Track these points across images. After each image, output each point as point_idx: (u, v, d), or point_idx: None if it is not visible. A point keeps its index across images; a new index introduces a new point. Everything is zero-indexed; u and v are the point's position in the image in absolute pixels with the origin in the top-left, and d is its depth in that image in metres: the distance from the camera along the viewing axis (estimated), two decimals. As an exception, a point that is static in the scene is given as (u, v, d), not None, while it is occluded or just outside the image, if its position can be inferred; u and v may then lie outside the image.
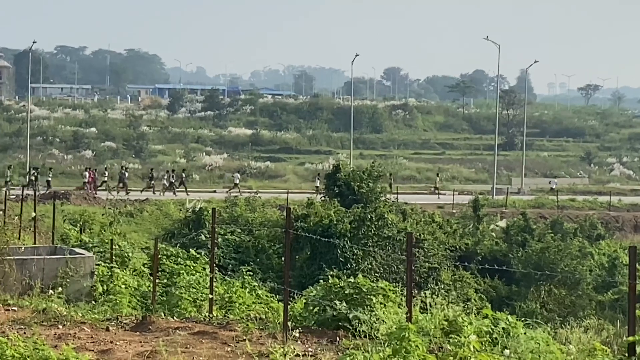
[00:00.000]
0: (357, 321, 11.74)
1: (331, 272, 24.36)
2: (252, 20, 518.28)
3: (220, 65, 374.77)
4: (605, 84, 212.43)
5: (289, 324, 11.66)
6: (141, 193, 56.70)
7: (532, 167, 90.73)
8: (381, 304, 12.27)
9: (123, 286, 17.80)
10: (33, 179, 56.83)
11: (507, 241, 42.53)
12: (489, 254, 40.07)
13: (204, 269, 19.27)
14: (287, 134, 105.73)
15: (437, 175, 72.14)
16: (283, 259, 25.26)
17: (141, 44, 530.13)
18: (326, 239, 26.90)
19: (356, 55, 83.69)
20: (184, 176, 61.37)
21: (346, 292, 12.46)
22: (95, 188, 57.24)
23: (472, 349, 8.82)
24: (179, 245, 25.04)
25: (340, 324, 11.97)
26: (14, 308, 14.16)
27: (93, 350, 10.71)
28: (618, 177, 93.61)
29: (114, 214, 41.34)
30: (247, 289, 17.73)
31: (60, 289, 16.20)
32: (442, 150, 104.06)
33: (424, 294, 13.09)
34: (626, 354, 8.59)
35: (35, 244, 23.15)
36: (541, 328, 11.97)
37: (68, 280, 16.89)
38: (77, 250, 19.33)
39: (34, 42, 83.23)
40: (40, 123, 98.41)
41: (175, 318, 13.73)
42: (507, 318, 11.12)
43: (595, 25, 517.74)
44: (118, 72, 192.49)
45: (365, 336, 11.23)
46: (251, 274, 20.99)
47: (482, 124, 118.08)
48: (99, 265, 18.49)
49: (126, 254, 21.67)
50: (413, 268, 10.74)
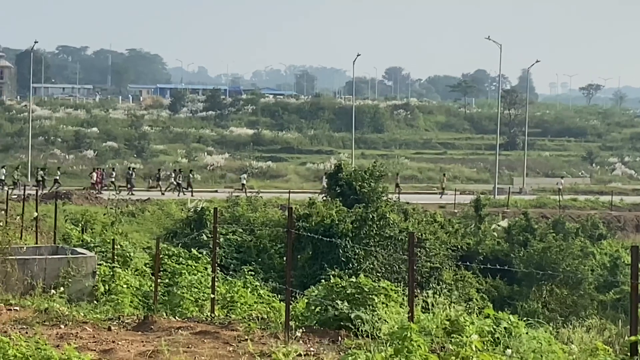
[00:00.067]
0: (359, 321, 11.74)
1: (333, 272, 24.32)
2: (252, 20, 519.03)
3: (221, 65, 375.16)
4: (607, 84, 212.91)
5: (290, 323, 11.66)
6: (150, 190, 57.45)
7: (534, 166, 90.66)
8: (383, 303, 12.27)
9: (125, 286, 17.81)
10: (41, 179, 56.92)
11: (508, 241, 42.52)
12: (491, 254, 40.05)
13: (206, 268, 19.29)
14: (289, 133, 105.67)
15: (444, 175, 70.96)
16: (285, 258, 25.26)
17: (143, 44, 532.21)
18: (328, 239, 26.89)
19: (358, 55, 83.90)
20: (191, 177, 61.40)
21: (348, 291, 12.47)
22: (101, 188, 57.27)
23: (474, 348, 8.82)
24: (180, 245, 25.03)
25: (342, 323, 11.96)
26: (16, 308, 14.16)
27: (95, 350, 10.71)
28: (620, 176, 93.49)
29: (115, 214, 41.41)
30: (249, 289, 17.73)
31: (62, 288, 16.19)
32: (444, 150, 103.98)
33: (426, 293, 13.06)
34: (628, 354, 8.59)
35: (37, 243, 23.15)
36: (543, 328, 11.96)
37: (70, 280, 16.90)
38: (78, 250, 19.35)
39: (35, 42, 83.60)
40: (41, 123, 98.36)
41: (177, 318, 13.73)
42: (509, 318, 11.11)
43: (597, 24, 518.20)
44: (120, 72, 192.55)
45: (367, 336, 11.24)
46: (253, 273, 21.01)
47: (483, 123, 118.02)
48: (100, 265, 18.49)
49: (128, 254, 21.67)
50: (415, 268, 10.74)
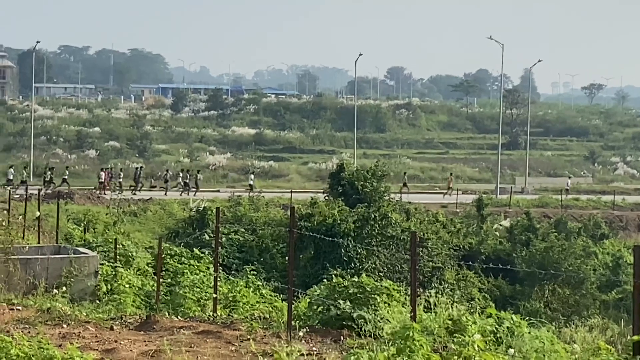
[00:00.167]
0: (361, 320, 11.74)
1: (335, 272, 24.32)
2: (253, 20, 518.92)
3: (223, 65, 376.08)
4: (609, 83, 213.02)
5: (293, 323, 11.65)
6: (152, 190, 57.68)
7: (536, 166, 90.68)
8: (385, 303, 12.27)
9: (127, 285, 17.82)
10: (48, 179, 56.97)
11: (510, 240, 42.53)
12: (493, 254, 40.06)
13: (208, 268, 19.29)
14: (291, 133, 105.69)
15: (451, 174, 69.76)
16: (287, 258, 25.30)
17: (144, 44, 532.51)
18: (330, 239, 26.92)
19: (360, 54, 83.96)
20: (198, 177, 61.39)
21: (350, 291, 12.46)
22: (109, 188, 57.25)
23: (476, 348, 8.80)
24: (182, 244, 25.06)
25: (344, 323, 11.96)
26: (18, 307, 14.17)
27: (97, 350, 10.70)
28: (622, 176, 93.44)
29: (117, 214, 41.40)
30: (251, 289, 17.75)
31: (64, 288, 16.21)
32: (446, 150, 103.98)
33: (428, 293, 13.09)
34: (631, 353, 8.57)
35: (39, 243, 23.13)
36: (545, 327, 11.95)
37: (72, 279, 16.90)
38: (81, 249, 19.34)
39: (37, 42, 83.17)
40: (44, 123, 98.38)
41: (179, 317, 13.74)
42: (511, 317, 11.10)
43: (599, 24, 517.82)
44: (121, 72, 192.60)
45: (369, 335, 11.23)
46: (255, 273, 21.02)
47: (485, 123, 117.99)
48: (102, 264, 18.49)
49: (130, 254, 21.69)
50: (417, 267, 10.73)
